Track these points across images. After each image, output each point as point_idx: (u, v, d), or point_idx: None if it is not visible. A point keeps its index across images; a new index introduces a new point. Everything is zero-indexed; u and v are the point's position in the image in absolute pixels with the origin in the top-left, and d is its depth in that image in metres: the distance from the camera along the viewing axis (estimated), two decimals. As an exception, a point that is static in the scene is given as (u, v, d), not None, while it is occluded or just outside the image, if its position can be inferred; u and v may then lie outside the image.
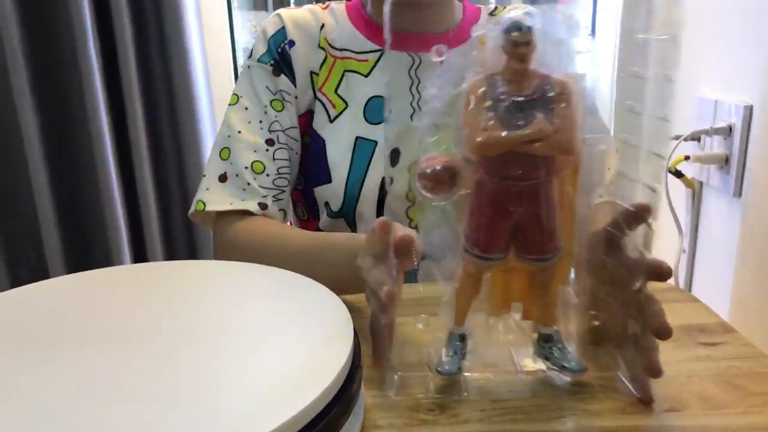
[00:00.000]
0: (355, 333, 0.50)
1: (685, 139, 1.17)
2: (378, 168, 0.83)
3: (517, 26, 0.45)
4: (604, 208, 0.67)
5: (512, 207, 0.47)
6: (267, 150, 0.83)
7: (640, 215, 0.49)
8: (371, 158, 0.82)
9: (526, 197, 0.47)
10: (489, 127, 0.45)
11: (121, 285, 0.62)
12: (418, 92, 0.85)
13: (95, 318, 0.53)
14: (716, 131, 1.11)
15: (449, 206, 0.50)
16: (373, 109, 0.84)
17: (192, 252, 1.48)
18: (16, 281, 1.39)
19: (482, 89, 0.47)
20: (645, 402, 0.50)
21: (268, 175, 0.82)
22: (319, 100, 0.85)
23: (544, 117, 0.45)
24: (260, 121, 0.83)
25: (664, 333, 0.47)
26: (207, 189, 0.82)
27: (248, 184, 0.81)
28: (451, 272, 0.51)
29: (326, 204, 0.85)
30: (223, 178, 0.82)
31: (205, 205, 0.80)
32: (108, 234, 1.37)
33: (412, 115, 0.84)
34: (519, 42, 0.45)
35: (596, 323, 0.53)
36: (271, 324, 0.52)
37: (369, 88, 0.85)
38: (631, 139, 1.05)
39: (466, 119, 0.47)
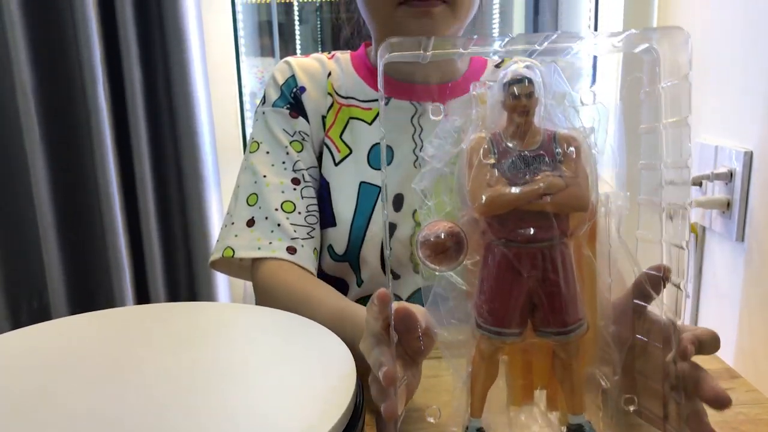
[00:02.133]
0: (359, 382, 0.50)
1: (687, 184, 1.17)
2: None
3: (517, 79, 0.43)
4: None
5: (526, 272, 0.43)
6: (294, 189, 0.84)
7: (663, 277, 0.45)
8: (375, 203, 0.84)
9: (541, 261, 0.43)
10: (494, 184, 0.42)
11: (125, 326, 0.62)
12: (421, 140, 0.86)
13: (98, 359, 0.53)
14: (717, 176, 1.11)
15: (456, 276, 0.45)
16: (377, 156, 0.86)
17: (192, 294, 1.48)
18: (17, 326, 1.39)
19: (485, 146, 0.44)
20: None
21: (299, 212, 0.83)
22: (326, 144, 0.87)
23: (553, 171, 0.42)
24: (283, 162, 0.85)
25: (723, 402, 0.42)
26: (236, 236, 0.82)
27: (278, 225, 0.81)
28: (463, 354, 0.46)
29: (330, 247, 0.85)
30: (250, 222, 0.82)
31: (234, 252, 0.81)
32: (111, 277, 1.37)
33: (415, 162, 0.86)
34: (520, 94, 0.43)
35: (632, 408, 0.46)
36: (273, 371, 0.52)
37: (373, 136, 0.87)
38: (647, 198, 1.06)
39: (469, 177, 0.44)
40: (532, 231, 0.42)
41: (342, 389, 0.47)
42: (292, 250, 0.81)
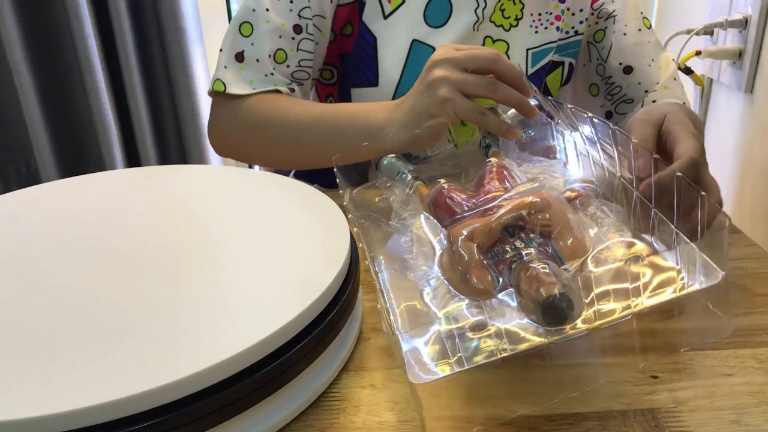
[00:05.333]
0: (352, 237, 0.49)
1: (697, 33, 1.11)
2: None
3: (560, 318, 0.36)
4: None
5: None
6: (293, 38, 0.74)
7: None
8: None
9: None
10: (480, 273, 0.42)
11: (117, 189, 0.60)
12: (485, 0, 0.77)
13: (90, 223, 0.52)
14: (731, 24, 1.05)
15: None
16: (435, 11, 0.76)
17: (183, 156, 1.46)
18: (7, 191, 1.37)
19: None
20: None
21: (288, 66, 0.75)
22: None
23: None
24: (291, 1, 0.74)
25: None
26: (225, 67, 0.74)
27: (271, 73, 0.74)
28: None
29: None
30: (240, 57, 0.74)
31: (225, 87, 0.73)
32: (99, 141, 1.34)
33: (475, 24, 0.77)
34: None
35: None
36: (269, 230, 0.50)
37: None
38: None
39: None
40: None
41: (336, 247, 0.46)
42: (290, 90, 0.75)
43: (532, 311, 0.37)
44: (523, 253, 0.41)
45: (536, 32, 0.81)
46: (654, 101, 0.82)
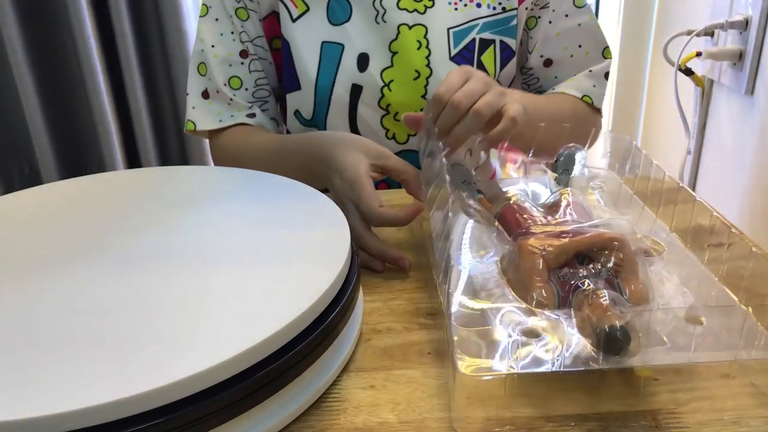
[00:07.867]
0: (352, 238, 0.49)
1: (698, 34, 1.11)
2: (347, 72, 0.78)
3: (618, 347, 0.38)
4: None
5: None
6: (242, 63, 0.81)
7: None
8: (339, 63, 0.78)
9: None
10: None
11: (117, 190, 0.60)
12: None
13: (91, 224, 0.52)
14: (731, 25, 1.05)
15: None
16: (335, 11, 0.79)
17: (184, 158, 1.46)
18: (10, 191, 1.37)
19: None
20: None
21: (246, 89, 0.82)
22: (282, 1, 0.79)
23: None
24: (231, 33, 0.80)
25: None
26: (193, 107, 0.82)
27: (231, 99, 0.81)
28: None
29: (296, 113, 0.82)
30: (205, 94, 0.81)
31: (195, 125, 0.81)
32: (100, 141, 1.34)
33: (376, 17, 0.79)
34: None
35: None
36: (269, 230, 0.51)
37: None
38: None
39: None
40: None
41: (336, 247, 0.46)
42: (251, 116, 0.81)
43: (590, 336, 0.38)
44: (591, 281, 0.43)
45: (456, 9, 0.80)
46: (553, 89, 0.84)
